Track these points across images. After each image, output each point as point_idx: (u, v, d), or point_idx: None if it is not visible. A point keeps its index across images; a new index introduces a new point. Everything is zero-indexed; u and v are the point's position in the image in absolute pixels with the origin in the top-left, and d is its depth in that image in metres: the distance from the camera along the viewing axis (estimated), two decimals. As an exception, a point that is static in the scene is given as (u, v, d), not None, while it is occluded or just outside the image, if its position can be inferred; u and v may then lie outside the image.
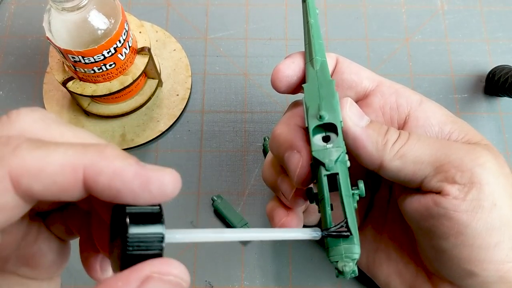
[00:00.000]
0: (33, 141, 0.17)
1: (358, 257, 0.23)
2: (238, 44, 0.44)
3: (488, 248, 0.25)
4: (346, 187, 0.24)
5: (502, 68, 0.42)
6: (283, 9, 0.46)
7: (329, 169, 0.24)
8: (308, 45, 0.28)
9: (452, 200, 0.25)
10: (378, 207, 0.33)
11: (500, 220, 0.25)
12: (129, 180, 0.17)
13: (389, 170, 0.26)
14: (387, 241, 0.32)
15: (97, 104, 0.40)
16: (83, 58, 0.33)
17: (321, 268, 0.37)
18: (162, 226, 0.18)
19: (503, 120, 0.42)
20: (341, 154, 0.24)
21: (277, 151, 0.28)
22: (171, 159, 0.40)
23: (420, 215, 0.27)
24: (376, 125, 0.27)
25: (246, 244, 0.38)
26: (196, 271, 0.37)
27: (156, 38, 0.44)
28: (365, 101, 0.30)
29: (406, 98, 0.29)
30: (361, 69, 0.30)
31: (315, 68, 0.27)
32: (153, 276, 0.17)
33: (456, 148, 0.26)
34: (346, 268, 0.22)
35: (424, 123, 0.28)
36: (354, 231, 0.23)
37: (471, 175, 0.25)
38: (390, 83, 0.30)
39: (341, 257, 0.22)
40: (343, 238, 0.23)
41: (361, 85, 0.30)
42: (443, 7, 0.46)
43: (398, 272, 0.31)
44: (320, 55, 0.28)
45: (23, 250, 0.21)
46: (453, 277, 0.27)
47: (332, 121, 0.25)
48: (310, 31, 0.28)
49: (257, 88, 0.43)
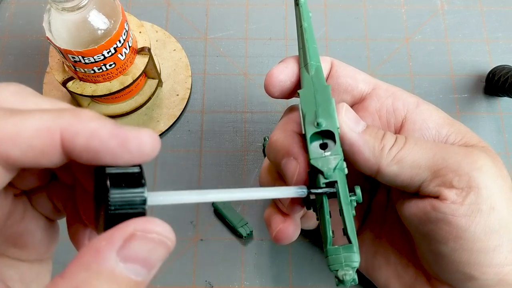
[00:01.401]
0: (8, 109, 0.17)
1: (357, 265, 0.23)
2: (238, 44, 0.44)
3: (487, 252, 0.25)
4: (345, 194, 0.24)
5: (502, 68, 0.42)
6: (283, 9, 0.46)
7: (328, 177, 0.24)
8: (302, 50, 0.28)
9: (450, 205, 0.25)
10: (376, 211, 0.33)
11: (499, 223, 0.25)
12: (107, 139, 0.17)
13: (387, 175, 0.26)
14: (385, 244, 0.32)
15: (97, 104, 0.40)
16: (83, 58, 0.33)
17: (321, 268, 0.37)
18: (144, 187, 0.18)
19: (503, 120, 0.42)
20: (339, 162, 0.24)
21: (274, 158, 0.28)
22: (171, 159, 0.40)
23: (419, 219, 0.27)
24: (373, 130, 0.27)
25: (246, 244, 0.38)
26: (196, 271, 0.37)
27: (156, 38, 0.44)
28: (361, 104, 0.30)
29: (403, 101, 0.29)
30: (356, 72, 0.30)
31: (310, 73, 0.27)
32: (136, 234, 0.17)
33: (453, 152, 0.26)
34: (347, 276, 0.22)
35: (421, 126, 0.28)
36: (354, 240, 0.23)
37: (468, 179, 0.25)
38: (387, 86, 0.30)
39: (341, 266, 0.23)
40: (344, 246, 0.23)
41: (357, 88, 0.29)
42: (443, 7, 0.46)
43: (397, 275, 0.31)
44: (315, 60, 0.27)
45: (9, 229, 0.21)
46: (452, 280, 0.27)
47: (329, 128, 0.25)
48: (304, 36, 0.28)
49: (257, 88, 0.43)
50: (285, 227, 0.28)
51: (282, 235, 0.28)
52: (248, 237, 0.37)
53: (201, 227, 0.38)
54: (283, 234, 0.28)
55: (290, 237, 0.28)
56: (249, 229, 0.37)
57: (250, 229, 0.37)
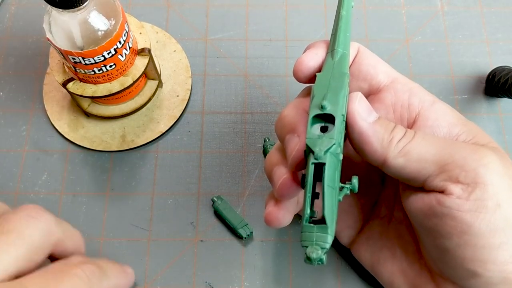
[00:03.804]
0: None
1: (328, 247, 0.23)
2: (238, 45, 0.44)
3: (491, 249, 0.25)
4: (331, 178, 0.24)
5: (502, 69, 0.42)
6: (283, 10, 0.46)
7: (318, 158, 0.24)
8: (333, 36, 0.28)
9: (456, 200, 0.25)
10: (385, 205, 0.33)
11: (505, 221, 0.25)
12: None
13: (393, 167, 0.26)
14: (393, 239, 0.32)
15: (97, 105, 0.40)
16: (83, 59, 0.33)
17: (321, 270, 0.37)
18: None
19: (503, 121, 0.42)
20: (333, 146, 0.24)
21: (280, 132, 0.28)
22: (171, 160, 0.40)
23: (424, 214, 0.27)
24: (384, 121, 0.27)
25: (246, 245, 0.38)
26: (196, 272, 0.37)
27: (156, 39, 0.44)
28: (377, 96, 0.30)
29: (419, 97, 0.29)
30: (379, 62, 0.30)
31: (334, 59, 0.27)
32: None
33: (460, 147, 0.26)
34: (313, 254, 0.23)
35: (433, 123, 0.28)
36: (330, 222, 0.23)
37: (475, 175, 0.25)
38: (406, 81, 0.30)
39: (311, 243, 0.23)
40: (318, 225, 0.23)
41: (376, 78, 0.30)
42: (443, 8, 0.46)
43: (402, 270, 0.31)
44: (343, 48, 0.28)
45: None
46: (456, 277, 0.27)
47: (332, 112, 0.25)
48: (339, 22, 0.28)
49: (257, 89, 0.43)
50: (274, 210, 0.28)
51: (270, 217, 0.28)
52: (248, 238, 0.37)
53: (201, 228, 0.38)
54: (271, 217, 0.28)
55: (279, 221, 0.28)
56: (249, 230, 0.37)
57: (250, 230, 0.37)
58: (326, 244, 0.23)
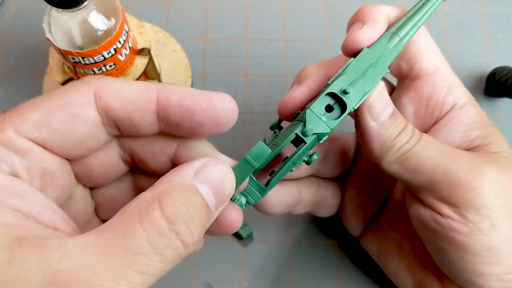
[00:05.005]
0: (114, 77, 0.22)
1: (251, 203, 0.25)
2: (238, 45, 0.44)
3: (488, 265, 0.25)
4: (299, 156, 0.25)
5: (502, 69, 0.42)
6: (283, 10, 0.46)
7: (305, 134, 0.24)
8: (405, 20, 0.26)
9: (449, 221, 0.25)
10: (395, 203, 0.33)
11: (500, 240, 0.25)
12: (197, 98, 0.21)
13: (387, 171, 0.26)
14: (402, 233, 0.32)
15: (97, 105, 0.40)
16: (83, 59, 0.33)
17: (321, 270, 0.37)
18: None
19: (503, 121, 0.42)
20: (324, 133, 0.24)
21: (294, 79, 0.29)
22: (171, 160, 0.40)
23: (422, 224, 0.27)
24: (393, 123, 0.26)
25: (246, 246, 0.38)
26: (196, 272, 0.37)
27: (156, 39, 0.44)
28: (416, 83, 0.29)
29: (455, 96, 0.28)
30: (429, 48, 0.28)
31: (390, 43, 0.26)
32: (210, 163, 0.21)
33: (459, 165, 0.25)
34: (235, 201, 0.24)
35: (453, 126, 0.28)
36: (269, 189, 0.25)
37: (468, 199, 0.25)
38: (447, 74, 0.29)
39: (243, 192, 0.25)
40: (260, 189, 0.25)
41: (420, 64, 0.28)
42: (443, 8, 0.46)
43: (408, 264, 0.31)
44: (404, 37, 0.26)
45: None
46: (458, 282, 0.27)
47: (347, 102, 0.24)
48: (419, 11, 0.27)
49: (257, 89, 0.43)
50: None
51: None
52: (248, 238, 0.37)
53: (201, 228, 0.38)
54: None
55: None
56: (249, 230, 0.37)
57: (250, 230, 0.37)
58: (251, 200, 0.25)
